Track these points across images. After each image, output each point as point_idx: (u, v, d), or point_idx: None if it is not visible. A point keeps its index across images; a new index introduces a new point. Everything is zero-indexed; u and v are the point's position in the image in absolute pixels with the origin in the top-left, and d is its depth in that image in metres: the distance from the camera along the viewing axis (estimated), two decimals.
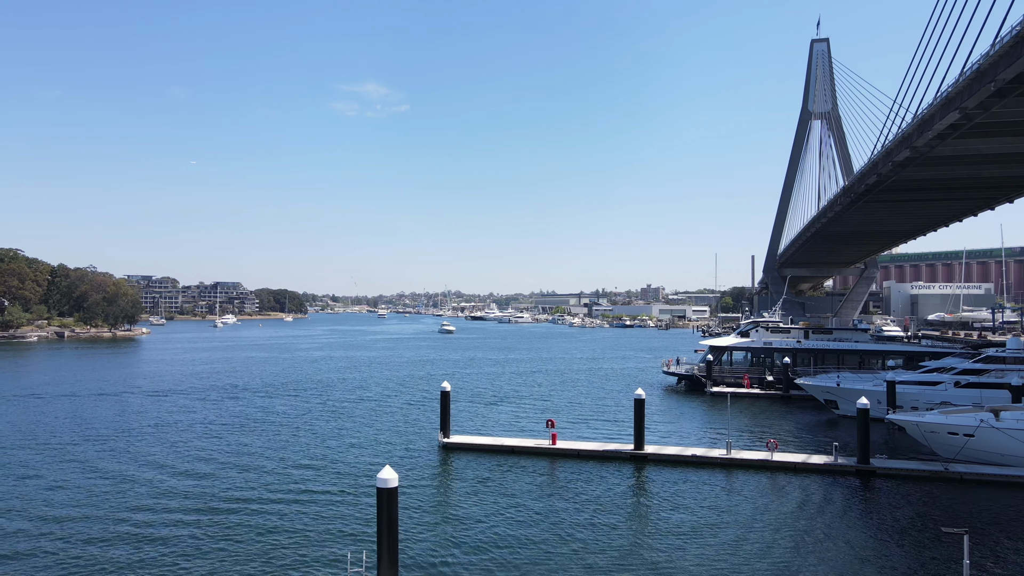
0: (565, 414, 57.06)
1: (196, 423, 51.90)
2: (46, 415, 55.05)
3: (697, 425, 53.07)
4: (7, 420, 52.71)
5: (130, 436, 46.90)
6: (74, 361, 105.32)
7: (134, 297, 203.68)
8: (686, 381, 73.81)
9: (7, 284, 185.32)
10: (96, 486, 34.50)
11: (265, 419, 53.81)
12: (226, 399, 64.45)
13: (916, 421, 40.02)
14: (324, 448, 43.46)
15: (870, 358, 70.17)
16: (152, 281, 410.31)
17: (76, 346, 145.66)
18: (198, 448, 43.29)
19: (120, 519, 29.37)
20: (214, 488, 34.17)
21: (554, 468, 38.84)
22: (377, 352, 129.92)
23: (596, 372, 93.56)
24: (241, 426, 50.93)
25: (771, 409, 60.63)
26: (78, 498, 32.49)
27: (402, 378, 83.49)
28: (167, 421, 52.78)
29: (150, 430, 49.09)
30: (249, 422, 52.59)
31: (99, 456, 41.02)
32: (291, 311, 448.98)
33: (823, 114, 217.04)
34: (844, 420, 54.25)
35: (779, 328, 74.72)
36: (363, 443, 45.17)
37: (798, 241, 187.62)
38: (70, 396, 65.38)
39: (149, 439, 45.96)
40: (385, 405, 61.87)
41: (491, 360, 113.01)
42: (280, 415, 55.70)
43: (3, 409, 57.94)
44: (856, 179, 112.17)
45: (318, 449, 43.16)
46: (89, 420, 52.98)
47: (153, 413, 56.39)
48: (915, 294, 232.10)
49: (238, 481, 35.59)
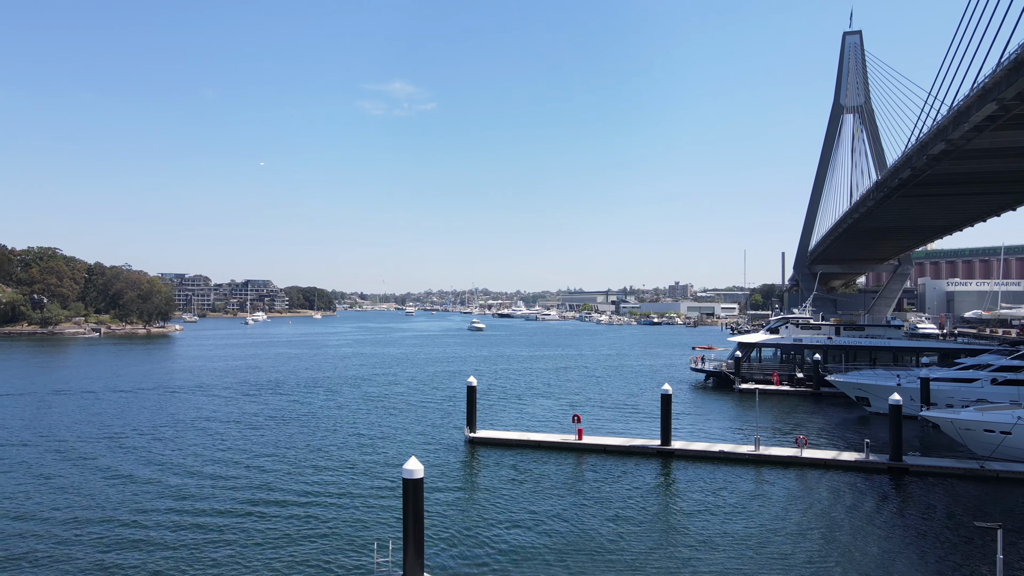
0: (592, 409, 56.92)
1: (233, 418, 52.77)
2: (89, 411, 56.46)
3: (725, 422, 52.57)
4: (61, 414, 54.14)
5: (175, 428, 47.89)
6: (112, 358, 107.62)
7: (167, 295, 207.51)
8: (714, 378, 73.14)
9: (46, 282, 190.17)
10: (149, 477, 35.35)
11: (295, 415, 54.52)
12: (258, 395, 65.43)
13: (951, 418, 39.19)
14: (353, 442, 43.92)
15: (903, 355, 68.81)
16: (185, 279, 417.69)
17: (112, 343, 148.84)
18: (237, 441, 44.09)
19: (155, 509, 30.04)
20: (249, 479, 34.78)
21: (580, 463, 38.77)
22: (406, 348, 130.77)
23: (623, 368, 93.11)
24: (271, 421, 51.67)
25: (801, 406, 59.81)
26: (111, 494, 33.29)
27: (431, 374, 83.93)
28: (206, 416, 53.79)
29: (191, 424, 50.07)
30: (279, 418, 53.33)
31: (148, 448, 41.97)
32: (320, 309, 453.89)
33: (855, 108, 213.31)
34: (876, 417, 53.33)
35: (809, 324, 73.66)
36: (392, 436, 45.54)
37: (829, 237, 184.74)
38: (113, 391, 66.96)
39: (192, 432, 46.88)
40: (414, 401, 62.28)
41: (519, 356, 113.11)
42: (310, 411, 56.39)
43: (58, 404, 59.51)
44: (889, 173, 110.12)
45: (348, 442, 43.63)
46: (130, 416, 54.21)
47: (192, 408, 57.49)
48: (951, 291, 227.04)
49: (269, 474, 36.18)
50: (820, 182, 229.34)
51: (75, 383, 72.28)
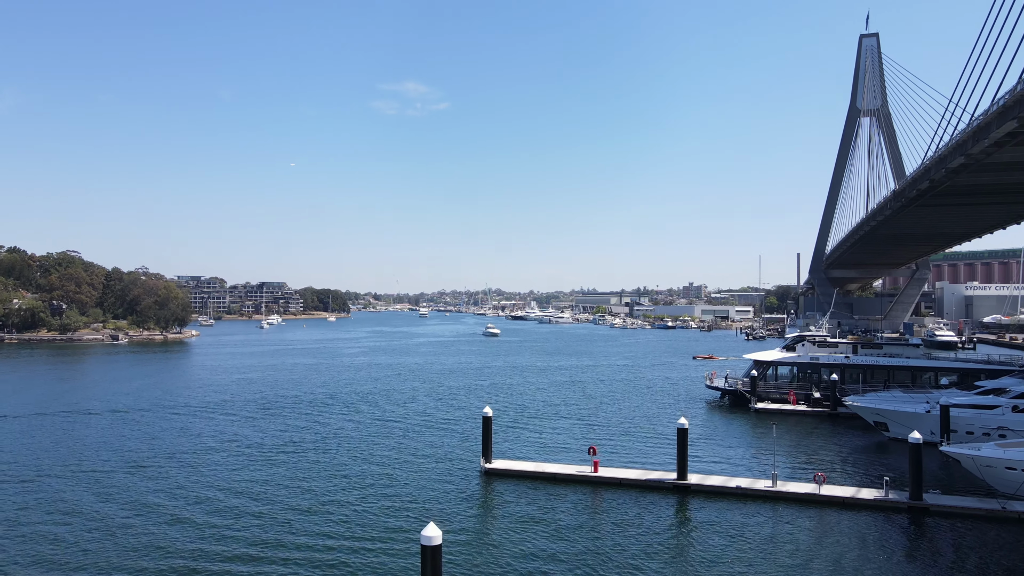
0: (608, 431, 56.82)
1: (253, 442, 53.13)
2: (108, 434, 57.06)
3: (741, 448, 52.27)
4: (80, 438, 54.77)
5: (194, 454, 48.25)
6: (128, 368, 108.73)
7: (184, 300, 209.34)
8: (730, 396, 72.81)
9: (65, 289, 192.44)
10: (171, 512, 35.71)
11: (313, 439, 54.79)
12: (276, 415, 65.85)
13: (971, 455, 38.76)
14: (372, 473, 44.04)
15: (922, 374, 68.18)
16: (201, 281, 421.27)
17: (130, 350, 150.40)
18: (256, 471, 44.33)
19: (176, 549, 30.34)
20: (271, 515, 34.98)
21: (596, 499, 38.72)
22: (421, 358, 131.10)
23: (638, 382, 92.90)
24: (291, 446, 51.90)
25: (818, 429, 59.39)
26: (128, 529, 33.64)
27: (448, 389, 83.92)
28: (225, 440, 54.15)
29: (209, 449, 50.44)
30: (298, 442, 53.62)
31: (169, 476, 42.37)
32: (334, 310, 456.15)
33: (872, 111, 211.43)
34: (894, 443, 52.90)
35: (826, 342, 73.08)
36: (410, 465, 45.64)
37: (846, 243, 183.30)
38: (128, 411, 67.71)
39: (210, 458, 47.20)
40: (432, 420, 62.43)
41: (533, 368, 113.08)
42: (328, 434, 56.63)
43: (77, 426, 60.19)
44: (907, 184, 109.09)
45: (367, 476, 43.72)
46: (147, 440, 54.71)
47: (210, 431, 57.90)
48: (969, 295, 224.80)
49: (290, 512, 36.34)
50: (836, 185, 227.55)
51: (92, 401, 73.05)
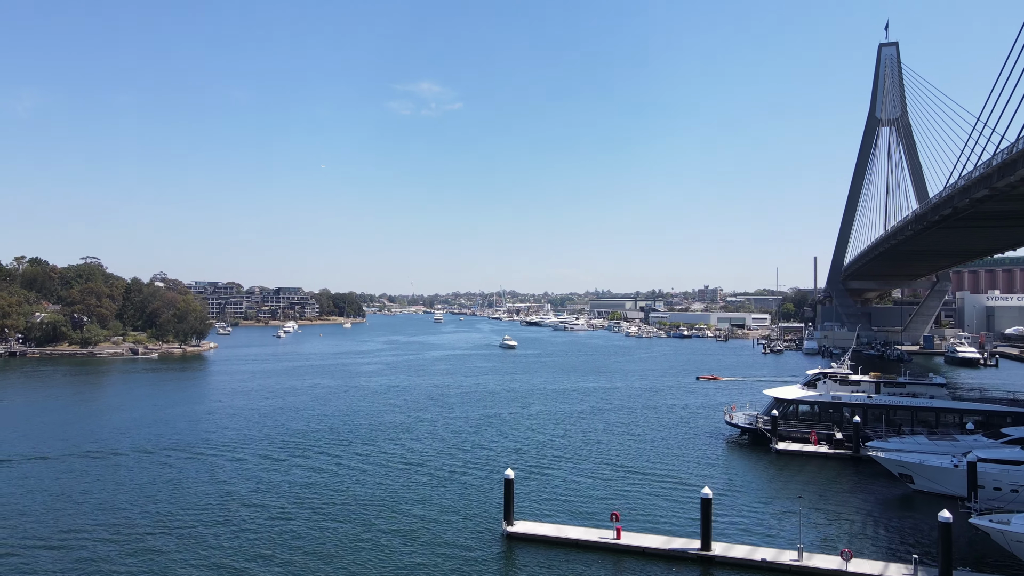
0: (629, 482, 56.40)
1: (271, 491, 53.23)
2: (119, 481, 57.43)
3: (763, 502, 51.56)
4: (90, 484, 55.19)
5: (205, 511, 48.41)
6: (144, 395, 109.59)
7: (202, 313, 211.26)
8: (750, 434, 72.28)
9: (86, 303, 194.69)
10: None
11: (331, 490, 54.76)
12: (294, 454, 65.99)
13: (1001, 529, 38.13)
14: (390, 536, 43.95)
15: (945, 415, 67.35)
16: (218, 287, 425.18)
17: (148, 367, 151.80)
18: (271, 532, 44.37)
19: None
20: None
21: (619, 570, 38.54)
22: (438, 378, 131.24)
23: (659, 410, 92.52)
24: (309, 499, 51.96)
25: (841, 477, 58.76)
26: None
27: (466, 423, 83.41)
28: (239, 493, 54.30)
29: (221, 506, 50.59)
30: (317, 493, 53.65)
31: (182, 535, 42.56)
32: (349, 315, 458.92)
33: (891, 120, 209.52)
34: (919, 496, 52.35)
35: (848, 380, 72.38)
36: (429, 525, 45.49)
37: (864, 257, 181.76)
38: (141, 452, 68.19)
39: (225, 516, 47.37)
40: (451, 466, 62.06)
41: (552, 392, 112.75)
42: (344, 486, 56.52)
43: (88, 470, 60.68)
44: (930, 208, 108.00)
45: (384, 544, 43.63)
46: (162, 486, 55.00)
47: (224, 479, 58.08)
48: (991, 305, 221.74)
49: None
50: (855, 195, 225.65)
51: (112, 437, 73.61)
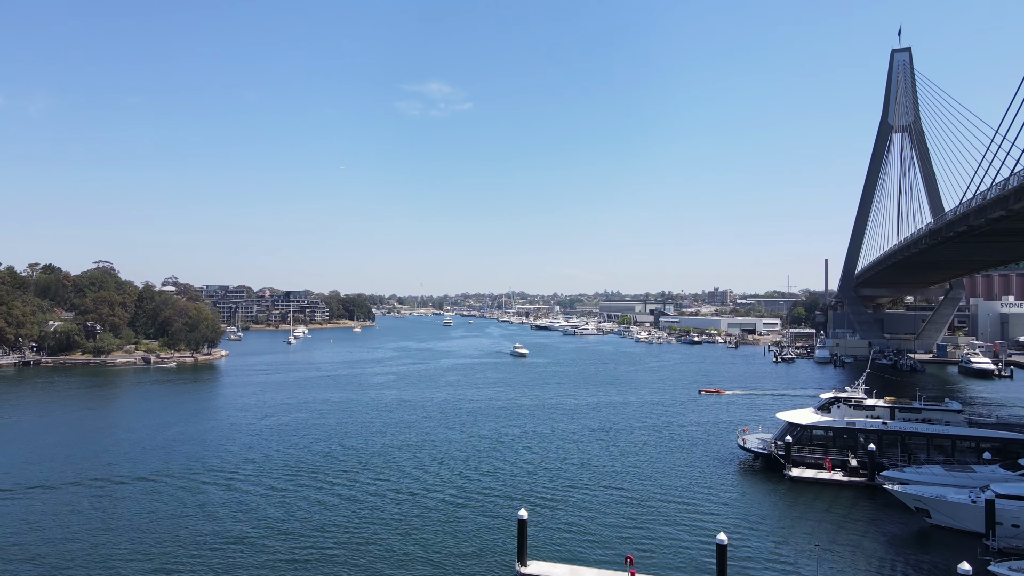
0: (643, 514, 56.22)
1: (280, 530, 53.43)
2: (120, 510, 57.69)
3: (779, 543, 51.16)
4: (74, 522, 55.47)
5: (222, 547, 48.63)
6: (155, 409, 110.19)
7: (213, 322, 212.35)
8: (763, 459, 71.99)
9: (100, 312, 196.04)
10: None
11: (339, 524, 54.86)
12: (303, 484, 66.19)
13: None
14: (397, 572, 44.05)
15: (962, 442, 66.93)
16: (229, 291, 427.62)
17: (160, 379, 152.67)
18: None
19: None
20: None
21: None
22: (449, 392, 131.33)
23: (671, 429, 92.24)
24: (315, 530, 52.07)
25: (856, 508, 58.34)
26: None
27: (477, 444, 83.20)
28: (245, 534, 54.49)
29: (231, 538, 50.79)
30: (314, 527, 53.71)
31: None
32: (359, 318, 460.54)
33: (904, 127, 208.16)
34: (936, 531, 52.06)
35: (862, 405, 72.00)
36: (437, 563, 45.45)
37: (877, 267, 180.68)
38: (140, 479, 68.46)
39: (238, 556, 47.55)
40: (463, 494, 61.89)
41: (563, 408, 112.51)
42: (355, 521, 56.52)
43: (78, 502, 60.98)
44: (944, 225, 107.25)
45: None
46: (159, 528, 55.24)
47: (220, 509, 58.29)
48: (1005, 312, 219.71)
49: None
50: (867, 201, 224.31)
51: (110, 463, 74.03)
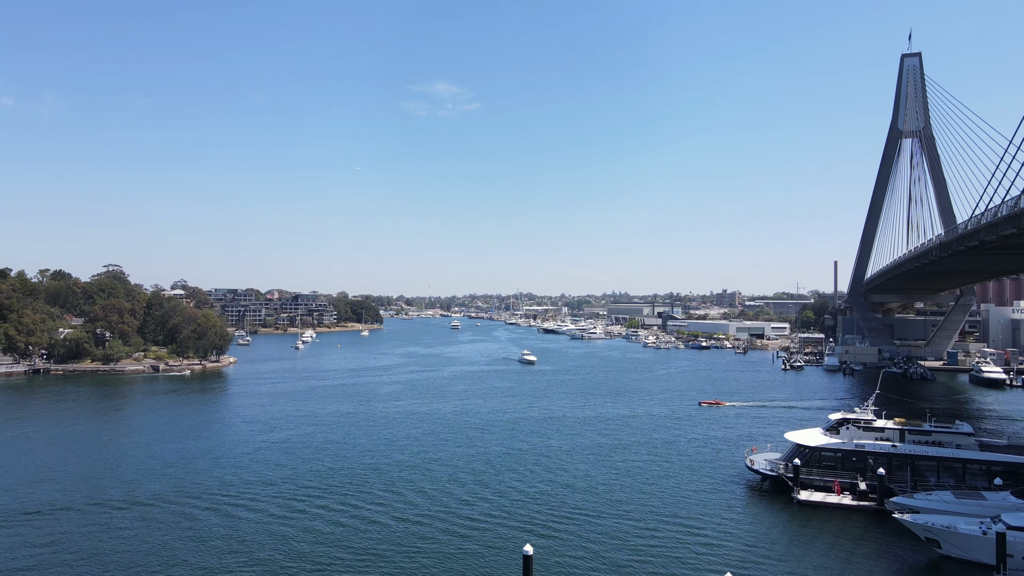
0: (652, 546, 55.87)
1: (286, 559, 53.43)
2: (122, 539, 57.77)
3: (787, 570, 51.01)
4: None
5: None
6: (162, 414, 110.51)
7: (221, 329, 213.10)
8: (770, 481, 71.57)
9: (109, 319, 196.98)
10: None
11: (335, 557, 54.83)
12: (310, 510, 66.22)
13: None
14: None
15: (972, 465, 66.39)
16: (237, 294, 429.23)
17: (168, 388, 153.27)
18: None
19: None
20: None
21: None
22: (456, 403, 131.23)
23: (677, 446, 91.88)
24: (305, 567, 52.06)
25: (866, 536, 57.88)
26: None
27: (485, 460, 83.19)
28: (233, 561, 54.49)
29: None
30: (315, 560, 53.73)
31: None
32: (367, 321, 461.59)
33: (914, 132, 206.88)
34: (947, 562, 51.65)
35: (871, 427, 71.50)
36: None
37: (886, 275, 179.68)
38: (139, 504, 68.64)
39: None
40: (471, 516, 61.61)
41: (570, 421, 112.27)
42: (363, 549, 56.62)
43: (68, 526, 61.11)
44: (955, 239, 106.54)
45: None
46: (162, 556, 55.31)
47: (219, 536, 58.31)
48: (1017, 319, 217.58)
49: None
50: (876, 206, 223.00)
51: (114, 483, 74.23)
